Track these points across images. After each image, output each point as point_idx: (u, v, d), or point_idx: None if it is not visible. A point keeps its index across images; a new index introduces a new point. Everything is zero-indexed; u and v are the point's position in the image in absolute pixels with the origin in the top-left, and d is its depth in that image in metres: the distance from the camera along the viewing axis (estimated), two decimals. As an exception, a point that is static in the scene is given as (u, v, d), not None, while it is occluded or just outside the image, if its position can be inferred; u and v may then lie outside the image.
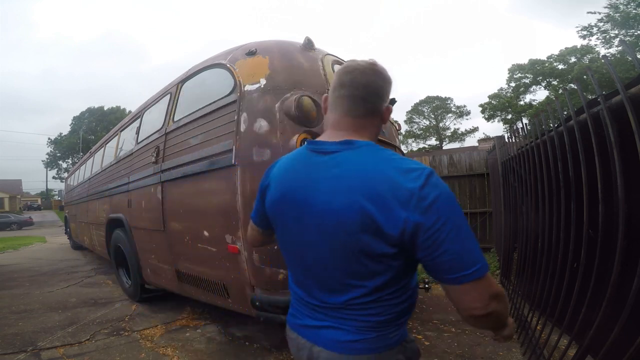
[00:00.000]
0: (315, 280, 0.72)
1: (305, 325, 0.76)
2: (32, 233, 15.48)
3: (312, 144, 0.74)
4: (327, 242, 0.67)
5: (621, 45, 19.88)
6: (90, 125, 38.81)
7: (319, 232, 0.67)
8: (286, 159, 0.79)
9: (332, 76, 2.11)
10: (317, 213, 0.67)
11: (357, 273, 0.67)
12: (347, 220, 0.63)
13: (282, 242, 0.80)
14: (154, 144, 2.63)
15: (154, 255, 2.71)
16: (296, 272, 0.78)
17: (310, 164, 0.71)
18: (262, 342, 2.35)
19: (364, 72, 0.71)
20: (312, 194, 0.68)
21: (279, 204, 0.75)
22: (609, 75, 1.31)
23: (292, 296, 0.82)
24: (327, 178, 0.67)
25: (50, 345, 2.36)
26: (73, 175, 7.09)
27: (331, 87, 0.75)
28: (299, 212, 0.70)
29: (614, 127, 1.34)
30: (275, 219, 0.78)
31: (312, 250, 0.70)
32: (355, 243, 0.64)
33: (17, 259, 6.69)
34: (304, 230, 0.70)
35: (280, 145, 1.74)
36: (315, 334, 0.73)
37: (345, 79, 0.72)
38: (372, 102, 0.72)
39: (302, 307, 0.77)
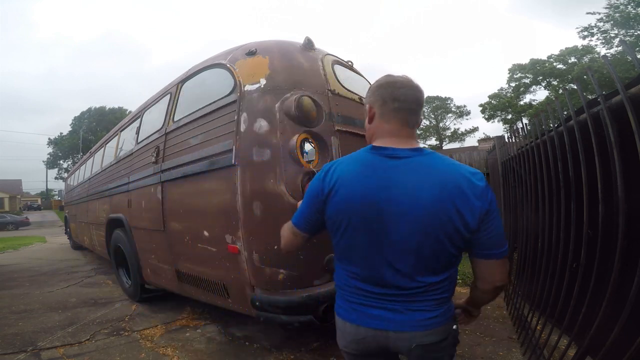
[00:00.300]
0: (396, 271, 0.81)
1: (375, 315, 0.84)
2: (30, 233, 15.48)
3: (382, 150, 0.83)
4: (415, 235, 0.78)
5: (621, 45, 19.87)
6: (91, 125, 38.81)
7: (408, 227, 0.78)
8: (350, 165, 0.85)
9: (332, 76, 2.13)
10: (406, 210, 0.77)
11: (440, 259, 0.81)
12: (438, 214, 0.77)
13: (349, 241, 0.84)
14: (154, 144, 2.62)
15: (154, 255, 2.71)
16: (364, 268, 0.84)
17: (387, 168, 0.81)
18: (262, 342, 2.35)
19: (414, 88, 0.85)
20: (396, 193, 0.78)
21: (355, 205, 0.81)
22: (609, 75, 1.31)
23: (350, 292, 0.88)
24: (410, 179, 0.78)
25: (50, 345, 2.36)
26: (73, 175, 7.09)
27: (379, 99, 0.87)
28: (381, 211, 0.78)
29: (614, 127, 1.34)
30: (345, 220, 0.83)
31: (397, 244, 0.80)
32: (444, 232, 0.78)
33: (17, 259, 6.69)
34: (387, 227, 0.79)
35: (280, 145, 1.74)
36: (392, 318, 0.82)
37: (398, 94, 0.84)
38: (420, 115, 0.88)
39: (368, 300, 0.85)
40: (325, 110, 1.92)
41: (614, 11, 19.68)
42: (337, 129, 1.95)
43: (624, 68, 14.62)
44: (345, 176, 0.83)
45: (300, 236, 0.97)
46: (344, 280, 0.89)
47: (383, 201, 0.78)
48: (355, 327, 0.87)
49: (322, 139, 1.87)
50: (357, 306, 0.86)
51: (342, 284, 0.90)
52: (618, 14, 19.52)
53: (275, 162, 1.74)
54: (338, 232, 0.85)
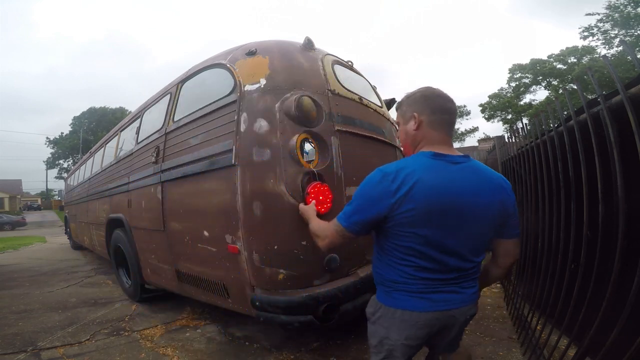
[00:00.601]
0: (460, 257, 0.96)
1: (442, 299, 0.97)
2: (29, 233, 15.47)
3: (443, 157, 0.97)
4: (477, 225, 0.96)
5: (622, 46, 19.96)
6: (90, 125, 38.79)
7: (473, 219, 0.94)
8: (423, 169, 0.94)
9: (332, 76, 2.12)
10: (471, 206, 0.93)
11: (485, 242, 1.02)
12: (491, 207, 0.97)
13: (425, 235, 0.93)
14: (154, 144, 2.62)
15: (154, 255, 2.71)
16: (434, 260, 0.95)
17: (451, 172, 0.95)
18: (262, 342, 2.35)
19: (454, 103, 1.03)
20: (463, 192, 0.93)
21: (435, 204, 0.91)
22: (609, 75, 1.31)
23: (415, 284, 0.97)
24: (470, 181, 0.95)
25: (50, 345, 2.36)
26: (73, 175, 7.08)
27: (428, 109, 1.01)
28: (454, 208, 0.92)
29: (614, 127, 1.34)
30: (425, 217, 0.91)
31: (464, 234, 0.94)
32: (493, 221, 0.99)
33: (17, 259, 6.70)
34: (458, 220, 0.93)
35: (280, 145, 1.74)
36: (455, 298, 0.98)
37: (448, 107, 1.01)
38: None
39: (435, 287, 0.97)
40: (325, 110, 1.92)
41: (613, 11, 19.69)
42: (337, 129, 1.95)
43: (624, 68, 14.61)
44: (422, 178, 0.91)
45: (348, 237, 1.05)
46: (408, 274, 0.97)
47: (455, 199, 0.92)
48: (425, 314, 0.96)
49: (322, 139, 1.87)
50: (425, 295, 0.96)
51: (404, 279, 0.97)
52: (617, 14, 19.53)
53: (275, 162, 1.74)
54: (412, 229, 0.93)
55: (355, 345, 2.22)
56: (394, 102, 3.69)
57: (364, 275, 1.98)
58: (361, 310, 1.93)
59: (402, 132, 1.08)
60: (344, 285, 1.84)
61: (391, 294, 1.01)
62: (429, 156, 0.96)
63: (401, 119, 1.08)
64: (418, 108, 1.02)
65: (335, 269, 1.84)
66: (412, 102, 1.04)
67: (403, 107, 1.08)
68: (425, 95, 1.02)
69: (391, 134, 2.75)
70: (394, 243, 0.97)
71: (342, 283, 1.85)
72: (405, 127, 1.05)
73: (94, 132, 37.33)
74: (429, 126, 1.00)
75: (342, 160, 1.93)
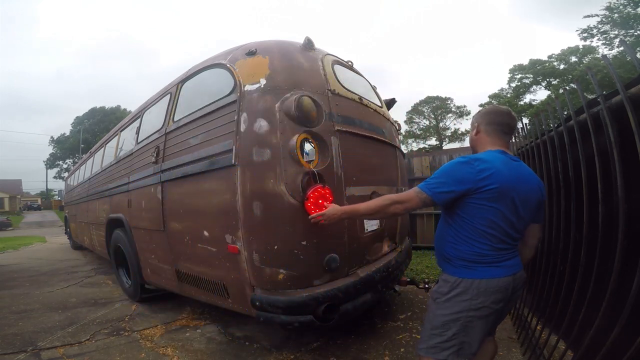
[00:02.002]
0: (516, 230, 1.22)
1: (509, 264, 1.22)
2: (23, 233, 15.46)
3: (508, 155, 1.26)
4: (528, 208, 1.24)
5: (622, 46, 19.89)
6: (92, 125, 38.77)
7: (528, 202, 1.23)
8: (499, 161, 1.21)
9: (332, 76, 2.12)
10: (528, 192, 1.23)
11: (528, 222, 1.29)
12: (537, 195, 1.26)
13: (502, 213, 1.18)
14: (154, 144, 2.62)
15: (154, 255, 2.71)
16: (506, 233, 1.20)
17: (514, 167, 1.23)
18: (262, 342, 2.35)
19: (511, 117, 1.33)
20: (524, 181, 1.22)
21: (509, 188, 1.17)
22: (610, 75, 1.31)
23: (492, 255, 1.19)
24: (526, 175, 1.25)
25: (50, 345, 2.36)
26: (73, 175, 7.08)
27: (494, 123, 1.32)
28: (520, 192, 1.19)
29: (614, 127, 1.34)
30: (501, 198, 1.17)
31: (522, 213, 1.21)
32: (536, 206, 1.28)
33: (17, 259, 6.69)
34: (521, 202, 1.20)
35: (280, 145, 1.74)
36: (516, 263, 1.25)
37: (513, 123, 1.34)
38: None
39: (503, 256, 1.20)
40: (325, 110, 1.92)
41: (611, 12, 19.71)
42: (337, 129, 1.95)
43: (625, 69, 14.61)
44: (497, 167, 1.17)
45: (427, 204, 1.24)
46: (488, 246, 1.19)
47: (519, 186, 1.19)
48: (504, 279, 1.19)
49: (322, 139, 1.87)
50: (501, 263, 1.20)
51: (485, 251, 1.19)
52: (617, 14, 19.54)
53: (275, 162, 1.74)
54: (494, 204, 1.16)
55: (355, 345, 2.22)
56: (394, 102, 3.69)
57: (364, 275, 1.98)
58: (361, 310, 1.95)
59: (470, 136, 1.43)
60: (344, 285, 1.84)
61: (473, 267, 1.20)
62: (498, 152, 1.25)
63: (471, 127, 1.44)
64: (478, 119, 1.37)
65: (335, 269, 1.84)
66: (477, 115, 1.39)
67: (473, 117, 1.43)
68: (487, 111, 1.37)
69: (391, 133, 2.75)
70: (479, 216, 1.18)
71: (342, 283, 1.85)
72: (471, 132, 1.41)
73: (94, 132, 37.29)
74: (484, 133, 1.33)
75: (342, 160, 1.93)
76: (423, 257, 4.76)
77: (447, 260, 1.27)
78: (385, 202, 1.30)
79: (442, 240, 1.30)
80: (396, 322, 2.63)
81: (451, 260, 1.25)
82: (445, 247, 1.28)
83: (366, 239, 2.14)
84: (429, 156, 5.63)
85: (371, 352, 2.13)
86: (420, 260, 4.60)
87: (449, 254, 1.26)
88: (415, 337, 2.32)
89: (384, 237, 2.42)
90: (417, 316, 2.73)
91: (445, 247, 1.28)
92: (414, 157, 5.75)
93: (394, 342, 2.28)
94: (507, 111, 1.32)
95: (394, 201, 1.29)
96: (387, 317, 2.73)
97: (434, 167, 5.46)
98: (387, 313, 2.81)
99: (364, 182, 2.14)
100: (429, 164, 5.51)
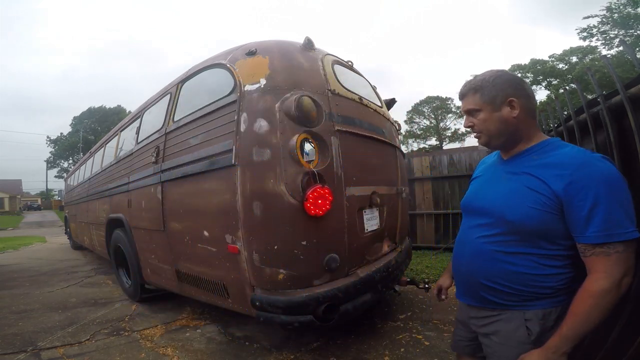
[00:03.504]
0: None
1: None
2: (22, 233, 15.46)
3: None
4: None
5: (621, 46, 19.77)
6: (91, 125, 38.74)
7: None
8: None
9: (332, 76, 2.12)
10: None
11: None
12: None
13: None
14: (154, 144, 2.62)
15: (154, 255, 2.71)
16: None
17: None
18: (262, 342, 2.35)
19: None
20: None
21: None
22: (610, 75, 1.31)
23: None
24: None
25: (50, 345, 2.36)
26: (73, 175, 7.08)
27: (525, 94, 0.93)
28: None
29: (614, 127, 1.34)
30: None
31: None
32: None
33: (17, 259, 6.69)
34: None
35: (280, 145, 1.74)
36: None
37: (533, 93, 0.96)
38: None
39: None
40: (325, 110, 1.92)
41: (611, 13, 19.75)
42: (337, 129, 1.95)
43: (624, 69, 14.61)
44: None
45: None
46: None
47: None
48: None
49: (322, 139, 1.87)
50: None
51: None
52: (616, 14, 19.57)
53: (275, 162, 1.74)
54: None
55: (355, 345, 2.22)
56: (394, 102, 3.69)
57: (364, 275, 1.98)
58: (361, 310, 1.95)
59: (495, 120, 0.93)
60: (344, 285, 1.84)
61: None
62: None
63: (484, 105, 0.95)
64: (514, 92, 0.91)
65: (335, 269, 1.84)
66: (504, 85, 0.92)
67: (487, 90, 0.94)
68: (520, 80, 0.95)
69: (391, 133, 2.75)
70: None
71: (342, 283, 1.85)
72: (497, 114, 0.93)
73: (95, 131, 37.25)
74: (528, 113, 0.92)
75: (342, 160, 1.93)
76: (423, 257, 4.76)
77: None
78: (605, 296, 0.77)
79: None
80: (396, 322, 2.63)
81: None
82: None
83: (366, 239, 2.14)
84: (429, 156, 5.63)
85: (371, 352, 2.13)
86: (420, 260, 4.60)
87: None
88: (415, 337, 2.32)
89: (384, 237, 2.42)
90: (417, 316, 2.73)
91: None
92: (414, 157, 5.75)
93: (394, 342, 2.28)
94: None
95: (615, 284, 0.77)
96: (387, 317, 2.73)
97: (434, 166, 5.46)
98: (387, 313, 2.81)
99: (364, 182, 2.14)
100: (429, 164, 5.51)
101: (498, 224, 0.92)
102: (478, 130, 0.99)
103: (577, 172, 0.80)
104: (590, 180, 0.78)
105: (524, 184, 0.88)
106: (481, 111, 0.96)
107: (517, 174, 0.92)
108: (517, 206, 0.87)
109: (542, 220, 0.84)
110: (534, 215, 0.84)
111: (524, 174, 0.90)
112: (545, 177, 0.84)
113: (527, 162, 0.92)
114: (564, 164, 0.83)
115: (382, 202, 2.31)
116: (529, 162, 0.91)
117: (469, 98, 0.99)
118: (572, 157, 0.83)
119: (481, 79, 0.97)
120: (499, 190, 0.95)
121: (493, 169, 1.06)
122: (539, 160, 0.89)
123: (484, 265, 0.95)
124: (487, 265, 0.94)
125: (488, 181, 1.05)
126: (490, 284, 0.94)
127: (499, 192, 0.95)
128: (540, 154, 0.90)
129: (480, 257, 0.96)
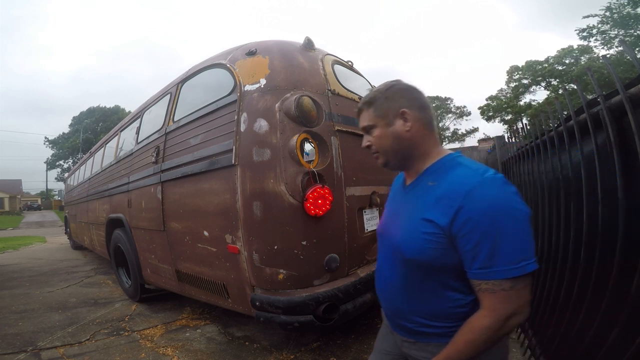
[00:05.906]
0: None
1: None
2: (25, 234, 15.46)
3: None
4: None
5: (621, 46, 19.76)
6: (92, 124, 38.73)
7: None
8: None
9: (332, 76, 2.13)
10: None
11: None
12: None
13: None
14: (154, 144, 2.63)
15: (154, 255, 2.71)
16: None
17: None
18: (262, 342, 2.35)
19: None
20: None
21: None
22: (609, 75, 1.31)
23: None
24: None
25: (50, 345, 2.36)
26: (73, 175, 7.09)
27: (416, 104, 0.85)
28: None
29: (614, 127, 1.34)
30: None
31: None
32: None
33: (17, 259, 6.69)
34: None
35: (280, 145, 1.74)
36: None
37: (428, 102, 0.88)
38: None
39: None
40: (325, 110, 1.92)
41: (611, 13, 19.79)
42: (337, 129, 1.95)
43: (624, 68, 14.63)
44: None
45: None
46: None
47: None
48: None
49: (322, 139, 1.87)
50: None
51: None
52: (616, 14, 19.61)
53: (275, 162, 1.74)
54: None
55: (355, 345, 2.22)
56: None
57: (364, 275, 1.98)
58: (361, 310, 1.95)
59: (388, 136, 0.85)
60: (344, 285, 1.84)
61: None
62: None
63: (378, 120, 0.85)
64: (405, 103, 0.83)
65: (335, 269, 1.84)
66: (396, 96, 0.84)
67: (379, 103, 0.85)
68: (408, 88, 0.85)
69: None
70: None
71: (342, 283, 1.85)
72: (391, 129, 0.84)
73: (96, 131, 37.23)
74: (425, 127, 0.84)
75: (342, 160, 1.94)
76: (423, 257, 4.75)
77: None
78: (503, 320, 0.72)
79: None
80: (396, 322, 2.63)
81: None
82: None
83: (366, 239, 2.15)
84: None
85: (371, 352, 2.12)
86: (420, 260, 4.59)
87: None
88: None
89: (384, 237, 2.42)
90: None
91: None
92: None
93: (394, 342, 2.27)
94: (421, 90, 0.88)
95: (509, 315, 0.72)
96: (387, 317, 2.73)
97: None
98: (387, 313, 2.81)
99: (364, 182, 2.14)
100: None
101: (402, 258, 0.85)
102: (375, 149, 0.88)
103: (464, 201, 0.73)
104: (475, 211, 0.71)
105: (418, 218, 0.81)
106: (376, 127, 0.86)
107: (414, 208, 0.85)
108: (413, 242, 0.81)
109: (436, 256, 0.78)
110: (429, 252, 0.78)
111: (418, 209, 0.83)
112: (436, 211, 0.77)
113: (422, 191, 0.84)
114: (452, 192, 0.76)
115: (382, 202, 2.32)
116: (424, 191, 0.83)
117: (363, 114, 0.89)
118: (461, 184, 0.76)
119: (375, 91, 0.87)
120: (398, 225, 0.88)
121: (399, 195, 0.96)
122: (433, 192, 0.81)
123: (397, 296, 0.90)
124: (399, 297, 0.89)
125: (392, 212, 0.97)
126: (405, 314, 0.89)
127: (398, 226, 0.88)
128: (436, 177, 0.83)
129: (393, 288, 0.90)
